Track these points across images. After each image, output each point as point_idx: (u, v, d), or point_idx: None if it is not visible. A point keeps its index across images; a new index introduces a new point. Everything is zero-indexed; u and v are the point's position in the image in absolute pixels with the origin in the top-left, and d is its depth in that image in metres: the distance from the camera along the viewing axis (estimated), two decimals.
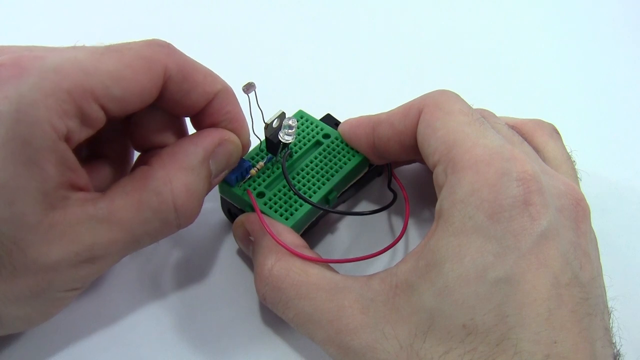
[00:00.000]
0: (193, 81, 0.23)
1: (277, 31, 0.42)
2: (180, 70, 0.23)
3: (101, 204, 0.21)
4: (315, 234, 0.29)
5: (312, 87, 0.38)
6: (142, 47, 0.22)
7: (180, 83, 0.23)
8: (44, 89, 0.19)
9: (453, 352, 0.20)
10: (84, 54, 0.21)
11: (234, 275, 0.28)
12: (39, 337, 0.25)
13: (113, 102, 0.21)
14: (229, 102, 0.25)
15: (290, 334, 0.26)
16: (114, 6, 0.42)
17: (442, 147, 0.23)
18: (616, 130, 0.37)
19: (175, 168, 0.23)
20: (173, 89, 0.23)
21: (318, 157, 0.28)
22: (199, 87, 0.24)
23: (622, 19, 0.46)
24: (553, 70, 0.41)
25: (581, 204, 0.23)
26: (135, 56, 0.21)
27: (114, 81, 0.20)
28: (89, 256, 0.21)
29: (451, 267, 0.21)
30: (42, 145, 0.19)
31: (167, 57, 0.22)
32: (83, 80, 0.20)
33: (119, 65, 0.21)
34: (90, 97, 0.20)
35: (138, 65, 0.21)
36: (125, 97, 0.21)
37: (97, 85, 0.20)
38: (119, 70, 0.21)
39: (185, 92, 0.23)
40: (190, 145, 0.24)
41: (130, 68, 0.21)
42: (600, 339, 0.21)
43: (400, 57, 0.41)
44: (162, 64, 0.22)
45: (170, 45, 0.23)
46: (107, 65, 0.21)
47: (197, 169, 0.23)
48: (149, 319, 0.26)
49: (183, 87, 0.23)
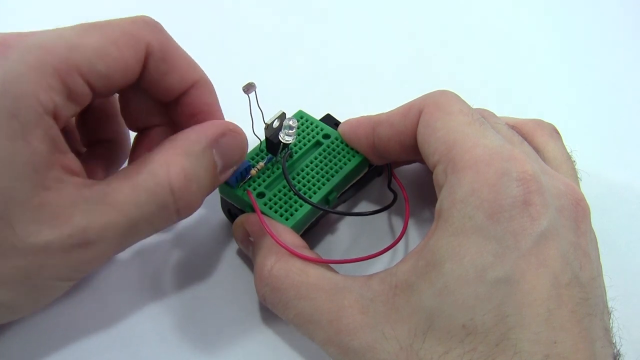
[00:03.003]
0: (172, 63, 0.23)
1: (278, 31, 0.42)
2: (161, 48, 0.23)
3: (97, 187, 0.21)
4: (315, 234, 0.29)
5: (312, 87, 0.38)
6: (127, 24, 0.22)
7: (159, 62, 0.23)
8: (29, 63, 0.19)
9: (453, 352, 0.20)
10: (69, 31, 0.21)
11: (234, 275, 0.28)
12: (39, 338, 0.25)
13: (98, 78, 0.21)
14: (206, 94, 0.25)
15: (290, 334, 0.26)
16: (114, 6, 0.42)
17: (442, 147, 0.23)
18: (616, 130, 0.37)
19: (174, 152, 0.23)
20: (152, 67, 0.23)
21: (318, 157, 0.28)
22: (177, 70, 0.23)
23: (622, 19, 0.46)
24: (553, 70, 0.41)
25: (581, 204, 0.23)
26: (120, 32, 0.21)
27: (99, 57, 0.20)
28: (82, 239, 0.20)
29: (451, 267, 0.21)
30: (28, 119, 0.19)
31: (150, 34, 0.22)
32: (68, 56, 0.20)
33: (103, 41, 0.21)
34: (75, 72, 0.20)
35: (122, 41, 0.21)
36: (110, 73, 0.21)
37: (82, 60, 0.20)
38: (104, 46, 0.21)
39: (162, 73, 0.23)
40: (192, 133, 0.24)
41: (115, 44, 0.21)
42: (600, 339, 0.21)
43: (401, 58, 0.41)
44: (145, 40, 0.22)
45: (157, 24, 0.23)
46: (92, 41, 0.21)
47: (197, 155, 0.23)
48: (149, 319, 0.26)
49: (161, 67, 0.23)
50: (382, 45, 0.42)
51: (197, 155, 0.23)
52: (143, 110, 0.25)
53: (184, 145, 0.23)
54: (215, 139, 0.24)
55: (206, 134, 0.24)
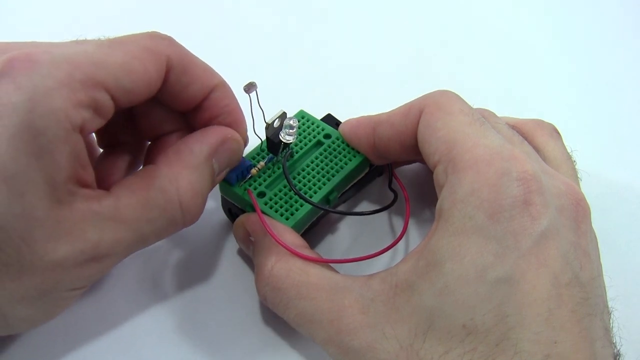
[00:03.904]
0: (192, 74, 0.24)
1: (278, 31, 0.42)
2: (180, 62, 0.23)
3: (106, 202, 0.21)
4: (316, 234, 0.30)
5: (313, 87, 0.38)
6: (145, 39, 0.22)
7: (180, 75, 0.23)
8: (58, 78, 0.19)
9: (453, 352, 0.20)
10: (92, 46, 0.21)
11: (234, 275, 0.28)
12: (40, 338, 0.25)
13: (123, 93, 0.21)
14: (226, 95, 0.25)
15: (290, 334, 0.26)
16: (113, 5, 0.42)
17: (442, 147, 0.23)
18: (616, 130, 0.37)
19: (181, 166, 0.23)
20: (173, 80, 0.23)
21: (319, 157, 0.28)
22: (198, 80, 0.24)
23: (622, 19, 0.46)
24: (553, 70, 0.41)
25: (581, 203, 0.23)
26: (141, 48, 0.22)
27: (124, 72, 0.21)
28: (94, 254, 0.20)
29: (451, 267, 0.21)
30: (55, 136, 0.19)
31: (168, 48, 0.23)
32: (94, 71, 0.20)
33: (126, 57, 0.21)
34: (102, 87, 0.20)
35: (144, 56, 0.22)
36: (134, 88, 0.21)
37: (108, 76, 0.20)
38: (127, 62, 0.21)
39: (184, 84, 0.24)
40: (195, 144, 0.24)
41: (138, 60, 0.21)
42: (600, 339, 0.21)
43: (401, 58, 0.41)
44: (165, 54, 0.22)
45: (170, 38, 0.23)
46: (116, 57, 0.21)
47: (201, 167, 0.24)
48: (149, 319, 0.26)
49: (182, 79, 0.23)
50: (382, 45, 0.42)
51: (201, 167, 0.24)
52: (160, 120, 0.26)
53: (189, 159, 0.23)
54: (216, 148, 0.24)
55: (208, 143, 0.24)
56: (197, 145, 0.24)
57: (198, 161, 0.23)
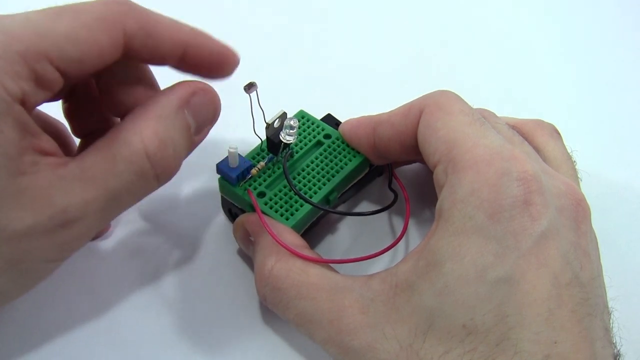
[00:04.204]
0: (158, 36, 0.23)
1: (278, 31, 0.42)
2: (142, 27, 0.22)
3: (72, 164, 0.20)
4: (316, 234, 0.30)
5: (313, 87, 0.38)
6: (99, 7, 0.21)
7: (144, 39, 0.22)
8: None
9: (453, 352, 0.20)
10: (38, 15, 0.20)
11: (234, 275, 0.28)
12: (38, 337, 0.25)
13: (69, 63, 0.20)
14: (204, 42, 0.24)
15: (290, 334, 0.26)
16: None
17: (442, 147, 0.23)
18: (616, 130, 0.37)
19: (145, 118, 0.22)
20: (138, 45, 0.22)
21: (319, 157, 0.28)
22: (166, 40, 0.23)
23: (622, 19, 0.46)
24: (553, 70, 0.41)
25: (581, 204, 0.23)
26: (92, 16, 0.21)
27: (69, 42, 0.20)
28: (63, 219, 0.20)
29: (451, 267, 0.21)
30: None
31: (125, 16, 0.22)
32: (35, 42, 0.19)
33: (74, 26, 0.20)
34: (44, 58, 0.19)
35: (95, 25, 0.21)
36: (83, 58, 0.20)
37: (51, 46, 0.20)
38: (75, 30, 0.20)
39: (151, 47, 0.23)
40: (162, 97, 0.23)
41: (87, 28, 0.20)
42: (600, 339, 0.21)
43: (401, 58, 0.41)
44: (121, 23, 0.21)
45: (129, 2, 0.22)
46: (62, 26, 0.20)
47: (169, 117, 0.23)
48: (149, 318, 0.26)
49: (148, 42, 0.22)
50: (382, 45, 0.42)
51: (169, 117, 0.23)
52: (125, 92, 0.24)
53: (155, 110, 0.22)
54: (186, 99, 0.23)
55: (176, 95, 0.23)
56: (164, 97, 0.23)
57: (164, 111, 0.22)
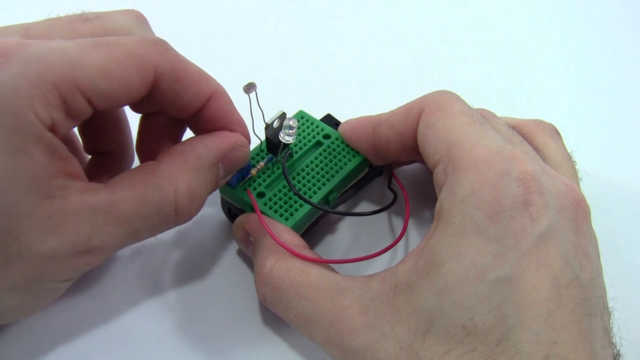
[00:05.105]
0: (186, 82, 0.23)
1: (278, 31, 0.42)
2: (172, 70, 0.22)
3: (102, 195, 0.21)
4: (315, 234, 0.30)
5: (313, 87, 0.38)
6: (134, 44, 0.22)
7: (173, 83, 0.23)
8: (27, 78, 0.19)
9: (452, 353, 0.20)
10: (72, 45, 0.20)
11: (234, 275, 0.28)
12: (39, 338, 0.25)
13: (99, 96, 0.20)
14: (224, 103, 0.25)
15: (290, 334, 0.26)
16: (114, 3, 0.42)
17: (442, 148, 0.23)
18: (616, 130, 0.37)
19: (183, 168, 0.23)
20: (165, 88, 0.23)
21: (318, 157, 0.28)
22: (192, 87, 0.23)
23: (622, 19, 0.46)
24: (553, 70, 0.41)
25: (581, 204, 0.23)
26: (126, 52, 0.21)
27: (101, 76, 0.20)
28: (86, 247, 0.20)
29: (451, 267, 0.21)
30: (27, 134, 0.19)
31: (159, 56, 0.22)
32: (68, 72, 0.19)
33: (107, 60, 0.20)
34: (75, 89, 0.20)
35: (128, 61, 0.21)
36: (112, 92, 0.21)
37: (83, 78, 0.20)
38: (107, 65, 0.20)
39: (177, 92, 0.23)
40: (201, 147, 0.24)
41: (119, 64, 0.21)
42: (600, 339, 0.21)
43: (401, 58, 0.41)
44: (154, 62, 0.22)
45: (165, 43, 0.23)
46: (95, 59, 0.20)
47: (204, 171, 0.23)
48: (148, 319, 0.26)
49: (175, 87, 0.23)
50: (382, 45, 0.42)
51: (204, 171, 0.23)
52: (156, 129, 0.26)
53: (192, 161, 0.23)
54: (225, 154, 0.24)
55: (216, 149, 0.24)
56: (203, 148, 0.23)
57: (202, 165, 0.23)
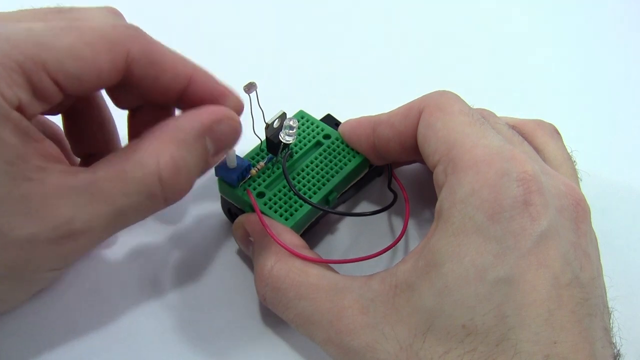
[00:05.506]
0: (161, 66, 0.23)
1: (278, 31, 0.42)
2: (145, 54, 0.22)
3: (82, 175, 0.20)
4: (315, 234, 0.29)
5: (313, 87, 0.38)
6: (106, 28, 0.21)
7: (147, 68, 0.22)
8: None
9: (452, 353, 0.20)
10: (42, 27, 0.20)
11: (234, 275, 0.28)
12: (39, 337, 0.25)
13: (67, 78, 0.20)
14: (206, 80, 0.24)
15: (290, 334, 0.26)
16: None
17: (442, 148, 0.23)
18: (616, 130, 0.37)
19: (165, 141, 0.22)
20: (140, 74, 0.22)
21: (318, 157, 0.28)
22: (168, 71, 0.23)
23: (622, 19, 0.46)
24: (553, 70, 0.41)
25: (581, 204, 0.23)
26: (97, 35, 0.21)
27: (69, 57, 0.20)
28: (68, 231, 0.20)
29: (451, 267, 0.21)
30: None
31: (131, 40, 0.22)
32: (34, 52, 0.19)
33: (77, 42, 0.20)
34: (42, 69, 0.19)
35: (98, 44, 0.21)
36: (81, 75, 0.20)
37: (50, 58, 0.19)
38: (76, 47, 0.20)
39: (154, 77, 0.23)
40: (185, 120, 0.23)
41: (89, 46, 0.20)
42: (600, 339, 0.21)
43: (401, 58, 0.41)
44: (125, 46, 0.21)
45: (138, 29, 0.22)
46: (64, 41, 0.20)
47: (189, 143, 0.22)
48: (148, 319, 0.26)
49: (150, 72, 0.22)
50: (382, 45, 0.42)
51: (189, 143, 0.22)
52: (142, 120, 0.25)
53: (175, 133, 0.22)
54: (210, 126, 0.23)
55: (200, 120, 0.23)
56: (187, 121, 0.23)
57: (185, 137, 0.22)
